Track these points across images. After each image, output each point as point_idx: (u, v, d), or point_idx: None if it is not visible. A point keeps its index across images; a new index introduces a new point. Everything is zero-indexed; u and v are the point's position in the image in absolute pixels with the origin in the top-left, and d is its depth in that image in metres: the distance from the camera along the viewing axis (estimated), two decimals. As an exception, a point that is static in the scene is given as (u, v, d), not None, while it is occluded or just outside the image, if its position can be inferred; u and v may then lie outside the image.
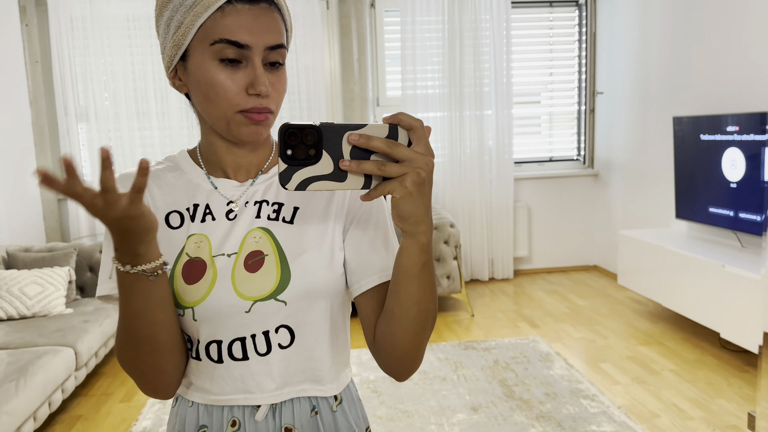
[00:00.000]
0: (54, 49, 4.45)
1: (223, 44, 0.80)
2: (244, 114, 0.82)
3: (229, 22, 0.80)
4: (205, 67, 0.82)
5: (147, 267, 0.77)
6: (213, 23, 0.80)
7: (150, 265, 0.78)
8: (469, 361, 3.42)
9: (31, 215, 4.42)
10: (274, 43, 0.83)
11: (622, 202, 4.96)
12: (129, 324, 0.82)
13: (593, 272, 5.32)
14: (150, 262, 0.78)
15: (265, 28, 0.82)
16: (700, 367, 3.25)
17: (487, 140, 5.03)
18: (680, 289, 3.54)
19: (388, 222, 0.92)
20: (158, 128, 4.64)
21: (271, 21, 0.83)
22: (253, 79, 0.81)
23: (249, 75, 0.81)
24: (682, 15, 4.07)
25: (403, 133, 0.72)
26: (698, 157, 3.72)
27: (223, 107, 0.82)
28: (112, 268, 0.88)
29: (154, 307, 0.81)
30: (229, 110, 0.82)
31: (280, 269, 0.86)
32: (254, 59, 0.81)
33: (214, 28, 0.80)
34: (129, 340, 0.83)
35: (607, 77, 5.09)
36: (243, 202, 0.90)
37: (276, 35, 0.83)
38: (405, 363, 0.86)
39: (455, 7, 4.83)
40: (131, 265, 0.77)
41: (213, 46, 0.81)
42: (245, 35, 0.80)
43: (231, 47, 0.80)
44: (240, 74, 0.81)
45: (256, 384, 0.87)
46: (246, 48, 0.80)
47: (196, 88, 0.84)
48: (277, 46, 0.83)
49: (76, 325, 3.14)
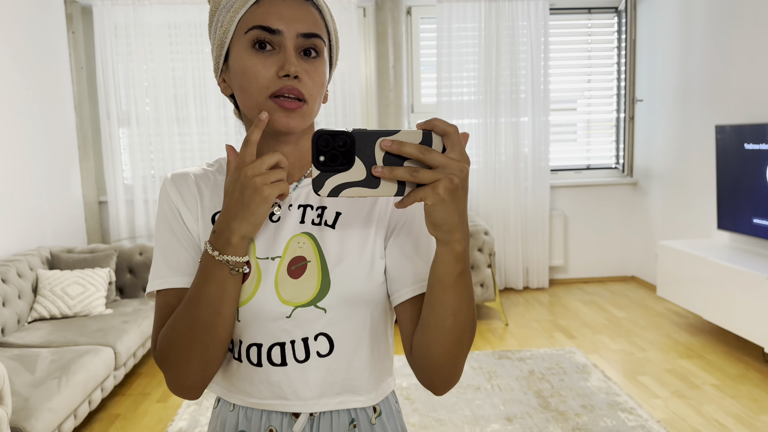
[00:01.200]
0: (98, 56, 4.57)
1: (256, 30, 0.82)
2: (275, 100, 0.83)
3: (262, 11, 0.83)
4: (239, 57, 0.84)
5: (232, 259, 0.80)
6: (249, 15, 0.83)
7: (235, 259, 0.80)
8: (504, 371, 3.38)
9: (73, 217, 4.53)
10: (307, 31, 0.83)
11: (662, 212, 4.86)
12: (195, 310, 0.83)
13: (631, 283, 5.21)
14: (238, 256, 0.81)
15: (298, 16, 0.83)
16: (744, 382, 3.16)
17: (523, 147, 4.99)
18: (722, 301, 3.44)
19: None
20: (197, 133, 4.72)
21: (306, 12, 0.84)
22: (283, 62, 0.82)
23: (280, 59, 0.83)
24: (724, 21, 3.98)
25: (437, 139, 0.71)
26: (741, 167, 3.62)
27: (255, 94, 0.83)
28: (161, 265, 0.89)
29: (225, 299, 0.82)
30: (260, 96, 0.83)
31: (320, 276, 0.86)
32: (286, 44, 0.82)
33: (249, 19, 0.83)
34: (189, 326, 0.83)
35: (646, 84, 5.00)
36: (287, 205, 0.90)
37: (309, 24, 0.84)
38: (441, 376, 0.84)
39: (492, 14, 4.81)
40: (219, 252, 0.80)
41: (247, 34, 0.83)
42: (277, 21, 0.82)
43: (263, 32, 0.82)
44: (272, 59, 0.83)
45: (293, 391, 0.87)
46: (278, 33, 0.82)
47: (235, 82, 0.86)
48: (310, 34, 0.84)
49: (115, 325, 3.20)
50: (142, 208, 4.76)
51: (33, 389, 2.43)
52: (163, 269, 0.89)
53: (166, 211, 0.91)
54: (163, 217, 0.92)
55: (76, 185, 4.61)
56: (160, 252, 0.90)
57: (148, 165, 4.76)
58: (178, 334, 0.84)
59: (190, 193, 0.92)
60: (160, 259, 0.90)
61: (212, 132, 4.72)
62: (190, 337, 0.83)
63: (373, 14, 4.87)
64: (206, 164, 0.97)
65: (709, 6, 4.15)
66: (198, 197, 0.92)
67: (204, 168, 0.96)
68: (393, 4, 4.72)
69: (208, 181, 0.94)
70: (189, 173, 0.94)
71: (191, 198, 0.91)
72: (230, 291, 0.83)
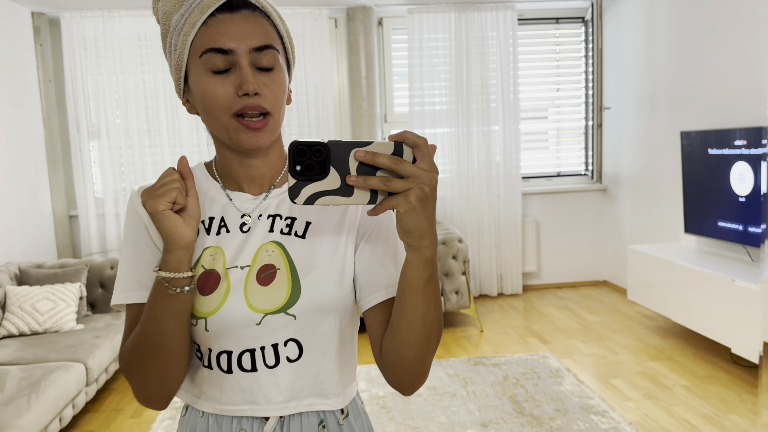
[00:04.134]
0: (67, 68, 4.52)
1: (209, 53, 0.83)
2: (239, 119, 0.84)
3: (211, 32, 0.83)
4: (199, 81, 0.85)
5: (167, 276, 0.83)
6: (200, 38, 0.84)
7: (170, 275, 0.83)
8: (479, 377, 3.40)
9: (43, 232, 4.46)
10: (259, 44, 0.84)
11: (631, 217, 4.96)
12: (145, 327, 0.85)
13: (603, 287, 5.29)
14: (172, 272, 0.83)
15: (247, 32, 0.84)
16: (713, 382, 3.23)
17: (495, 155, 5.05)
18: (690, 304, 3.52)
19: (398, 238, 0.94)
20: (169, 145, 4.69)
21: (255, 24, 0.85)
22: (240, 80, 0.83)
23: (237, 78, 0.84)
24: (688, 29, 4.09)
25: (408, 151, 0.75)
26: (706, 172, 3.72)
27: (219, 115, 0.85)
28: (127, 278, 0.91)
29: (172, 316, 0.84)
30: (224, 117, 0.85)
31: (291, 283, 0.87)
32: (240, 62, 0.83)
33: (201, 42, 0.84)
34: (142, 342, 0.86)
35: (614, 92, 5.11)
36: (257, 215, 0.92)
37: (261, 37, 0.85)
38: (410, 376, 0.87)
39: (462, 25, 4.88)
40: (160, 268, 0.83)
41: (201, 57, 0.84)
42: (227, 41, 0.83)
43: (217, 55, 0.83)
44: (230, 79, 0.84)
45: (264, 396, 0.89)
46: (231, 53, 0.83)
47: (198, 104, 0.88)
48: (263, 47, 0.85)
49: (87, 340, 3.15)
50: (113, 221, 4.70)
51: (2, 407, 2.38)
52: (130, 283, 0.91)
53: (132, 224, 0.93)
54: (129, 231, 0.93)
55: (46, 199, 4.55)
56: (126, 265, 0.92)
57: (119, 178, 4.72)
58: (135, 349, 0.87)
59: None
60: (126, 272, 0.92)
61: (184, 144, 4.69)
62: (143, 353, 0.86)
63: (345, 25, 4.90)
64: None
65: (673, 15, 4.26)
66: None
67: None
68: (364, 15, 4.76)
69: None
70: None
71: None
72: (176, 307, 0.84)
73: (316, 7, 4.67)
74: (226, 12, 0.84)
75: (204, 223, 0.93)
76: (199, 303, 0.87)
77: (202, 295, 0.87)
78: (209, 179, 0.96)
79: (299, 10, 4.66)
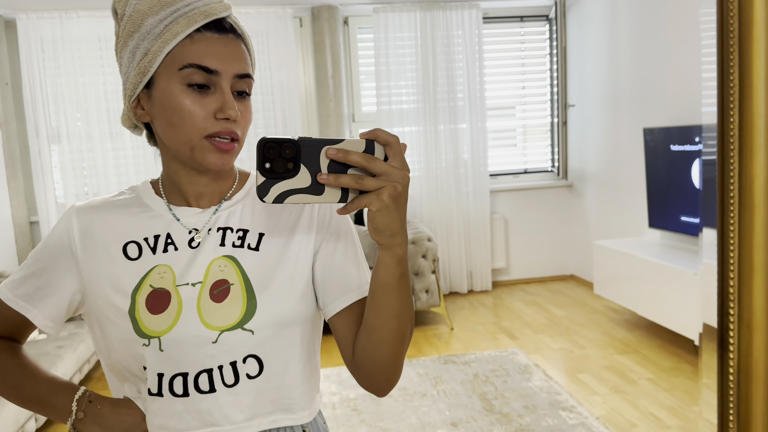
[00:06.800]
0: (24, 71, 4.40)
1: (193, 69, 0.81)
2: (211, 140, 0.83)
3: (198, 49, 0.81)
4: (171, 93, 0.82)
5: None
6: (182, 49, 0.82)
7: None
8: (449, 376, 3.42)
9: (3, 239, 4.34)
10: (243, 72, 0.84)
11: (597, 213, 5.03)
12: (13, 395, 0.94)
13: (570, 282, 5.37)
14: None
15: (234, 56, 0.83)
16: (677, 374, 3.30)
17: (463, 153, 5.08)
18: (654, 297, 3.59)
19: (356, 240, 0.93)
20: (132, 148, 4.61)
21: (239, 51, 0.85)
22: (222, 104, 0.82)
23: (218, 100, 0.82)
24: (650, 28, 4.16)
25: (379, 149, 0.74)
26: (669, 167, 3.79)
27: (188, 132, 0.83)
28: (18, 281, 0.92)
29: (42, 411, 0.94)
30: (195, 135, 0.83)
31: (246, 298, 0.86)
32: (223, 85, 0.82)
33: (183, 54, 0.81)
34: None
35: (578, 90, 5.18)
36: (206, 230, 0.90)
37: (244, 64, 0.85)
38: (386, 375, 0.87)
39: (427, 24, 4.89)
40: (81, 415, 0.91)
41: (182, 71, 0.81)
42: (214, 61, 0.82)
43: (200, 72, 0.81)
44: (208, 99, 0.82)
45: (224, 416, 0.86)
46: (215, 74, 0.82)
47: (160, 114, 0.85)
48: (245, 75, 0.85)
49: (49, 351, 3.08)
50: (76, 226, 4.59)
51: (-41, 424, 2.31)
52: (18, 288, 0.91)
53: (56, 239, 0.91)
54: (49, 243, 0.91)
55: (5, 205, 4.43)
56: (25, 270, 0.92)
57: (81, 182, 4.61)
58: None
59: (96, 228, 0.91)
60: (25, 275, 0.91)
61: (147, 146, 4.58)
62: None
63: (310, 25, 4.87)
64: (117, 192, 0.96)
65: (635, 13, 4.33)
66: (107, 228, 0.91)
67: (113, 198, 0.95)
68: (329, 15, 4.73)
69: (118, 210, 0.93)
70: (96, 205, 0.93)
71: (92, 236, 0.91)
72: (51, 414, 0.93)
73: (280, 6, 4.63)
74: (213, 31, 0.82)
75: (147, 241, 0.90)
76: (150, 322, 0.84)
77: (152, 314, 0.85)
78: (154, 197, 0.94)
79: (263, 9, 4.61)
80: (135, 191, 0.96)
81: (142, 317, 0.85)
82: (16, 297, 0.90)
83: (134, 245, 0.90)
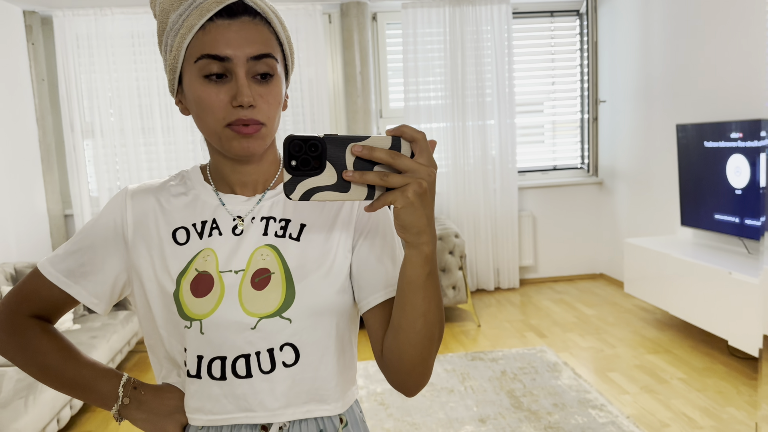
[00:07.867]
0: (60, 67, 4.49)
1: (205, 59, 0.82)
2: (231, 127, 0.83)
3: (209, 38, 0.81)
4: (193, 86, 0.84)
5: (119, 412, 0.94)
6: (196, 42, 0.82)
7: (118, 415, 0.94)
8: (477, 372, 3.41)
9: (38, 231, 4.44)
10: (257, 53, 0.83)
11: (627, 210, 4.96)
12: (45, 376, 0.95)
13: (600, 281, 5.30)
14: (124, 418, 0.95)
15: (246, 39, 0.82)
16: (709, 375, 3.24)
17: (491, 150, 5.04)
18: (687, 296, 3.53)
19: (395, 236, 0.92)
20: (164, 143, 4.67)
21: (254, 32, 0.83)
22: (235, 91, 0.82)
23: (233, 88, 0.82)
24: (683, 22, 4.08)
25: (405, 145, 0.73)
26: (702, 164, 3.72)
27: (211, 123, 0.84)
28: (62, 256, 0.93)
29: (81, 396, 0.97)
30: (217, 126, 0.83)
31: (285, 287, 0.86)
32: (237, 71, 0.82)
33: (197, 46, 0.82)
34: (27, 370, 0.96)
35: (609, 85, 5.10)
36: (250, 218, 0.91)
37: (259, 45, 0.83)
38: (413, 377, 0.86)
39: (456, 19, 4.86)
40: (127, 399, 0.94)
41: (197, 63, 0.82)
42: (225, 48, 0.81)
43: (213, 62, 0.81)
44: (225, 88, 0.82)
45: (259, 402, 0.87)
46: (227, 60, 0.81)
47: (191, 108, 0.87)
48: (261, 55, 0.83)
49: (84, 341, 3.15)
50: (109, 220, 4.68)
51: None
52: (61, 263, 0.92)
53: (106, 220, 0.93)
54: (99, 223, 0.93)
55: (41, 199, 4.53)
56: (76, 248, 0.92)
57: (114, 176, 4.70)
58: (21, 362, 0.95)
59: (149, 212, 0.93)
60: (70, 251, 0.92)
61: (179, 141, 4.67)
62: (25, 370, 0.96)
63: (339, 21, 4.88)
64: (168, 177, 0.98)
65: (668, 8, 4.25)
66: (159, 212, 0.93)
67: (163, 183, 0.97)
68: (358, 11, 4.74)
69: (168, 196, 0.94)
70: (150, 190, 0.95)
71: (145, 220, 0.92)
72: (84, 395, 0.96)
73: (310, 3, 4.65)
74: (225, 18, 0.82)
75: (195, 227, 0.91)
76: (193, 304, 0.86)
77: (195, 297, 0.86)
78: (202, 182, 0.95)
79: (293, 5, 4.63)
80: (184, 176, 0.97)
81: (185, 300, 0.86)
82: (58, 272, 0.91)
83: (183, 230, 0.91)
